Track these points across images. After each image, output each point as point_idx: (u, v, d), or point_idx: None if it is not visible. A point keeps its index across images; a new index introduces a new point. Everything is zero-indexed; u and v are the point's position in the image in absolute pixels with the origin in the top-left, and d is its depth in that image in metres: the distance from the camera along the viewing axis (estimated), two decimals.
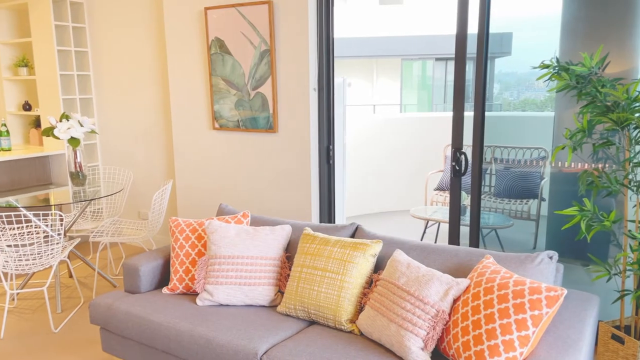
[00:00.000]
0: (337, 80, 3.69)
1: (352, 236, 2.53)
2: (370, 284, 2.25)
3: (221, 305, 2.41)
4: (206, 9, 3.71)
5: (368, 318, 2.08)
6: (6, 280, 3.91)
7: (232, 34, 3.65)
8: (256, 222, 2.80)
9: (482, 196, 3.44)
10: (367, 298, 2.19)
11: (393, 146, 5.89)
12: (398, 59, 14.08)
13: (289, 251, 2.60)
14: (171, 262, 2.63)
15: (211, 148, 3.99)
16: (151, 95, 4.47)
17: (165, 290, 2.59)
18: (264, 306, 2.43)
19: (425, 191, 5.29)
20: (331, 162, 3.56)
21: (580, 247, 3.11)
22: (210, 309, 2.36)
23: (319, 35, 3.39)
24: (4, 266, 3.03)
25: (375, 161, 5.86)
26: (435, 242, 4.63)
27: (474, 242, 3.03)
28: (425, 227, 4.86)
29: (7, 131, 4.61)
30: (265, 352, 2.04)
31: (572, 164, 3.08)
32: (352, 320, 2.19)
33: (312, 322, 2.31)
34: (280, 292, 2.49)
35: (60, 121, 3.65)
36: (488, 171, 3.90)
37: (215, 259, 2.46)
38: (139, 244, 4.80)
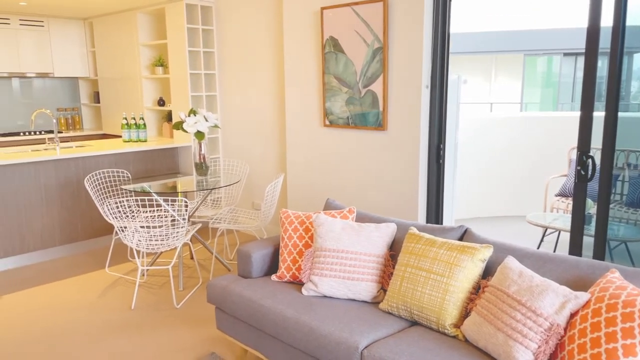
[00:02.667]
0: (452, 77, 3.58)
1: (460, 239, 2.45)
2: (477, 289, 2.17)
3: (325, 296, 2.48)
4: (322, 8, 3.82)
5: (474, 324, 2.01)
6: (138, 257, 4.38)
7: (346, 32, 3.71)
8: (361, 218, 2.83)
9: (611, 205, 3.13)
10: (473, 304, 2.11)
11: (509, 147, 5.57)
12: (520, 55, 13.23)
13: (393, 249, 2.60)
14: (280, 251, 2.76)
15: (321, 144, 4.10)
16: (268, 93, 4.71)
17: (274, 277, 2.72)
18: (366, 302, 2.46)
19: (545, 196, 4.93)
20: (441, 161, 3.47)
21: None
22: (314, 299, 2.44)
23: (434, 32, 3.32)
24: (137, 244, 3.41)
25: (489, 162, 5.59)
26: (554, 252, 4.31)
27: (599, 254, 2.77)
28: (543, 235, 4.54)
29: (144, 124, 5.14)
30: (366, 347, 2.06)
31: None
32: (457, 325, 2.13)
33: (414, 323, 2.29)
34: (382, 289, 2.50)
35: (189, 116, 4.00)
36: (620, 178, 3.53)
37: (321, 252, 2.53)
38: (251, 232, 5.10)
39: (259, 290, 2.55)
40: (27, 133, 6.09)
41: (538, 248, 4.12)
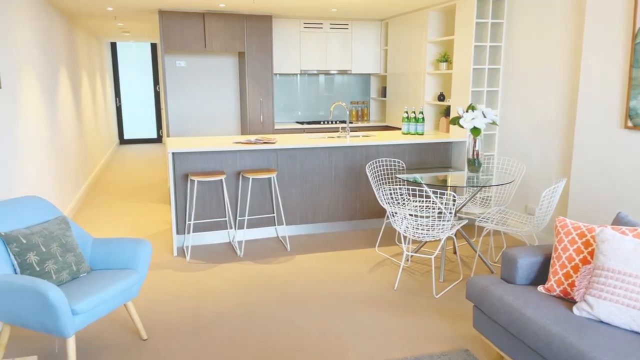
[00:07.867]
0: None
1: None
2: None
3: (601, 321, 2.19)
4: None
5: None
6: (405, 243, 4.66)
7: None
8: None
9: None
10: None
11: None
12: None
13: None
14: (551, 262, 2.54)
15: (618, 149, 3.54)
16: (556, 90, 4.31)
17: (540, 288, 2.53)
18: None
19: None
20: None
21: None
22: (587, 322, 2.17)
23: None
24: (404, 230, 3.63)
25: None
26: None
27: None
28: None
29: (423, 118, 5.38)
30: None
31: None
32: None
33: None
34: None
35: (467, 112, 4.00)
36: None
37: (602, 271, 2.23)
38: (520, 237, 4.80)
39: (522, 298, 2.41)
40: (325, 122, 7.12)
41: None
